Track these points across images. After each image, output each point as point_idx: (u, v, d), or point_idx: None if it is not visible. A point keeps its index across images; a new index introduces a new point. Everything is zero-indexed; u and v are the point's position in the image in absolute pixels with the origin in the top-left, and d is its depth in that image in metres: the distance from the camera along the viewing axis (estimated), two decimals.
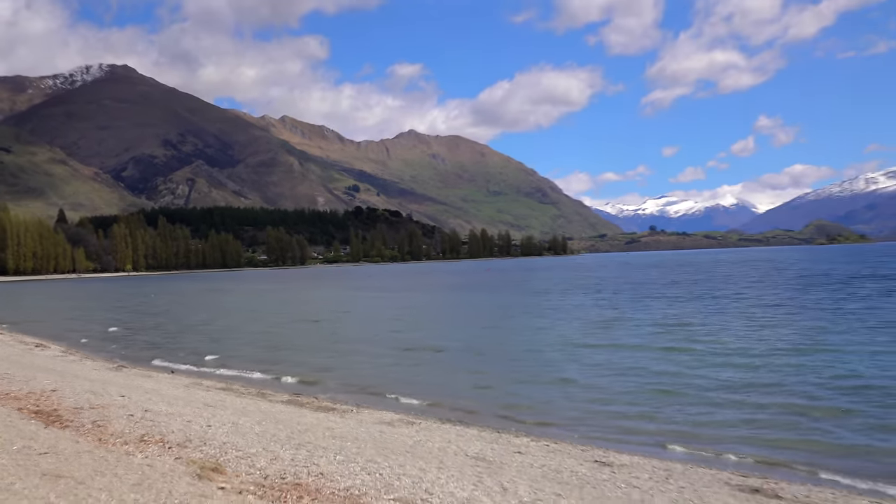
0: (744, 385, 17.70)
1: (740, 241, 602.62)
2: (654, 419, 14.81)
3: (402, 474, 9.25)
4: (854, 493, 9.99)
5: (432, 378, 20.88)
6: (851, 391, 16.50)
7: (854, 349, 22.70)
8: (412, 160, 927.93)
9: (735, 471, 11.11)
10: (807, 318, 32.99)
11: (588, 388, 18.33)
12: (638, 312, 39.45)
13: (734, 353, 22.73)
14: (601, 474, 10.26)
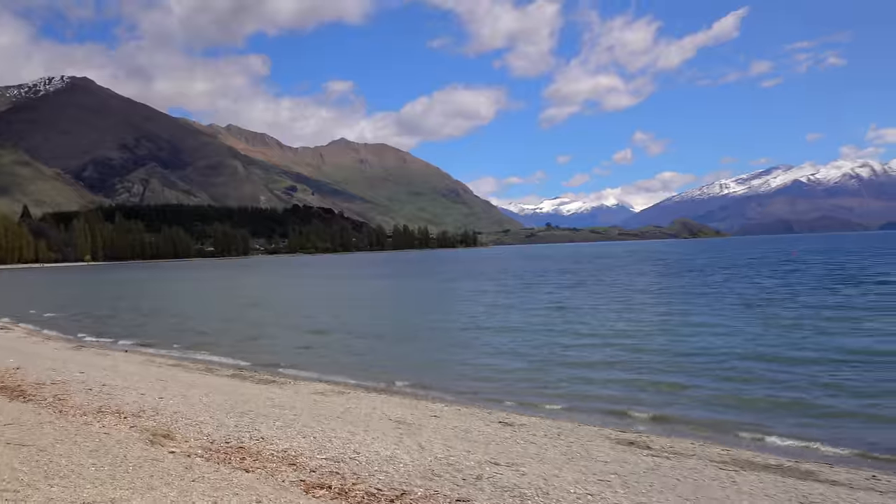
0: (620, 357, 18.16)
1: (620, 235, 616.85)
2: (548, 387, 15.07)
3: (334, 437, 9.20)
4: (708, 442, 10.39)
5: (362, 354, 20.77)
6: (707, 359, 17.09)
7: (708, 324, 23.55)
8: (343, 164, 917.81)
9: (614, 427, 11.41)
10: (672, 300, 34.08)
11: (492, 361, 18.55)
12: (532, 297, 40.05)
13: (611, 332, 23.30)
14: (504, 433, 10.39)
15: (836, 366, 15.63)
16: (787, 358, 16.80)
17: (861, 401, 12.55)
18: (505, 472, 7.69)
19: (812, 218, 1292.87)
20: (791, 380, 14.48)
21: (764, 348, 18.31)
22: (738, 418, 11.91)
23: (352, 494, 6.61)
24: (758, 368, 15.78)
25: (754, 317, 25.22)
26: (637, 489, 7.28)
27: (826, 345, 18.48)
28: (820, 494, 7.57)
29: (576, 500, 6.65)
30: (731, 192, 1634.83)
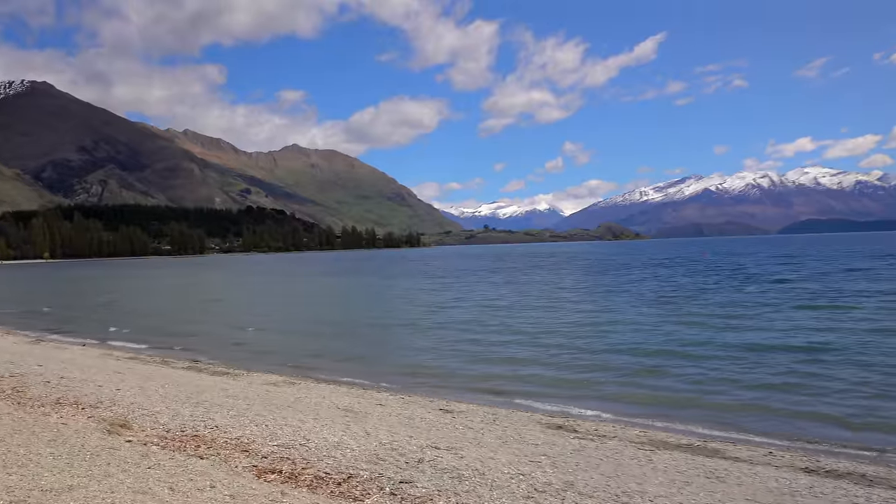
0: (549, 349, 18.41)
1: (551, 237, 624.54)
2: (486, 378, 15.17)
3: (285, 425, 9.07)
4: (628, 425, 10.63)
5: (312, 347, 20.54)
6: (625, 351, 17.47)
7: (626, 320, 24.07)
8: (295, 169, 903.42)
9: (545, 413, 11.56)
10: (595, 297, 34.68)
11: (433, 353, 18.58)
12: (467, 293, 40.26)
13: (539, 327, 23.60)
14: (444, 419, 10.42)
15: (737, 358, 16.16)
16: (697, 352, 17.31)
17: (757, 393, 13.01)
18: (445, 455, 7.71)
19: (720, 222, 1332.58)
20: (699, 372, 14.92)
21: (674, 344, 18.79)
22: (650, 408, 12.22)
23: (301, 478, 6.54)
24: (668, 361, 16.19)
25: (668, 313, 25.87)
26: (565, 468, 7.39)
27: (729, 340, 19.08)
28: (724, 469, 7.82)
29: (509, 480, 6.71)
30: (650, 199, 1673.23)
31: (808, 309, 24.89)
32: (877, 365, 14.40)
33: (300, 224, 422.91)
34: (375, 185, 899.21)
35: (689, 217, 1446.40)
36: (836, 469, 8.10)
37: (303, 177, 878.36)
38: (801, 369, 14.31)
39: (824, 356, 15.56)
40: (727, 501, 6.40)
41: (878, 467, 8.29)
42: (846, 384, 12.86)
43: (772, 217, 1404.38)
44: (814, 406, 11.52)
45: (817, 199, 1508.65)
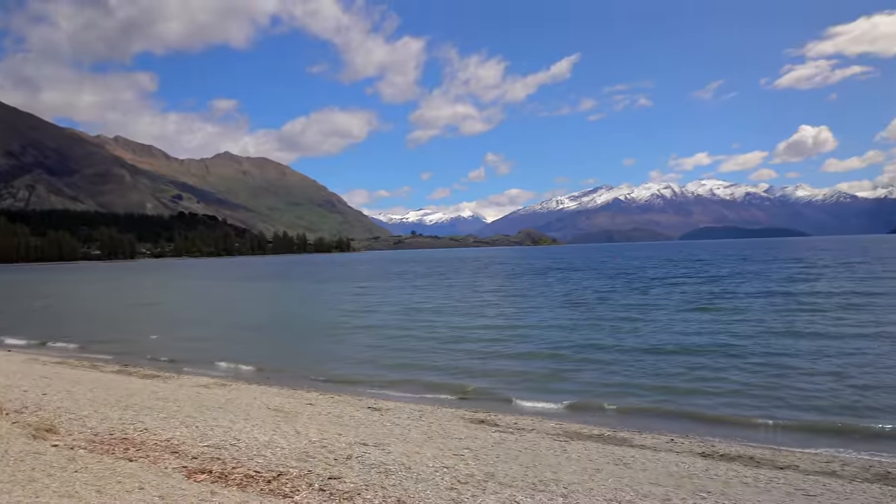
0: (469, 348, 18.56)
1: (475, 242, 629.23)
2: (413, 377, 15.15)
3: (215, 426, 8.80)
4: (544, 418, 10.82)
5: (244, 349, 20.00)
6: (542, 349, 17.81)
7: (546, 319, 24.54)
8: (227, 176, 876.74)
9: (468, 409, 11.63)
10: (515, 299, 35.21)
11: (362, 354, 18.44)
12: (393, 297, 40.17)
13: (461, 327, 23.75)
14: (373, 417, 10.34)
15: (640, 357, 16.72)
16: (610, 349, 17.81)
17: (661, 387, 13.49)
18: (373, 451, 7.65)
19: (629, 229, 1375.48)
20: (610, 367, 15.35)
21: (587, 345, 19.27)
22: (569, 399, 12.49)
23: (231, 477, 6.36)
24: (584, 359, 16.59)
25: (580, 316, 26.51)
26: (486, 460, 7.45)
27: (639, 339, 19.70)
28: (631, 456, 8.07)
29: (434, 473, 6.71)
30: (565, 207, 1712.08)
31: (704, 311, 25.97)
32: (767, 363, 15.16)
33: (232, 229, 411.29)
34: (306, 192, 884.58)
35: (600, 224, 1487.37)
36: (729, 453, 8.48)
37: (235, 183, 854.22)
38: (700, 365, 14.92)
39: (719, 354, 16.29)
40: (633, 485, 6.59)
41: (765, 450, 8.72)
42: (740, 378, 13.49)
43: (674, 224, 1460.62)
44: (711, 397, 12.03)
45: (713, 208, 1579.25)
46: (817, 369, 13.74)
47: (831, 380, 12.77)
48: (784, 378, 13.08)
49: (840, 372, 13.38)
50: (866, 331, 18.50)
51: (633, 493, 6.26)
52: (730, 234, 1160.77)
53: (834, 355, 15.15)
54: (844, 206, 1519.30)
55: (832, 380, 12.76)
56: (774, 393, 12.00)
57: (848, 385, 12.29)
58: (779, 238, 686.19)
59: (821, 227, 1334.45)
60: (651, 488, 6.51)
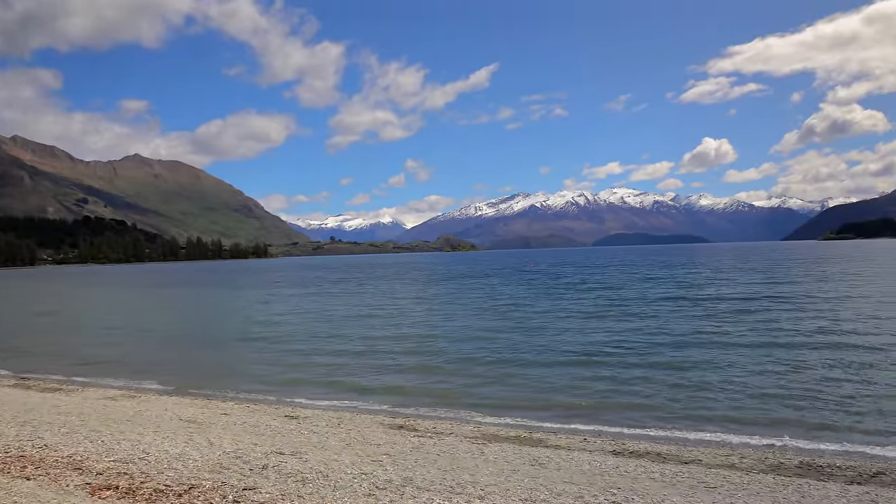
0: (385, 355, 18.52)
1: (394, 248, 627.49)
2: (332, 384, 14.96)
3: (123, 439, 8.39)
4: (462, 422, 10.92)
5: (152, 359, 19.19)
6: (458, 356, 17.98)
7: (461, 326, 24.79)
8: (137, 179, 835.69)
9: (387, 415, 11.59)
10: (432, 305, 35.39)
11: (277, 362, 18.07)
12: (310, 304, 39.60)
13: (378, 336, 23.67)
14: (290, 425, 10.14)
15: (555, 359, 17.15)
16: (525, 353, 18.16)
17: (575, 388, 13.89)
18: (289, 460, 7.50)
19: (544, 235, 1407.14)
20: (525, 371, 15.66)
21: (503, 347, 19.59)
22: (486, 402, 12.66)
23: (140, 493, 6.08)
24: (499, 363, 16.85)
25: (496, 320, 26.93)
26: (405, 465, 7.44)
27: (552, 344, 20.17)
28: (546, 456, 8.26)
29: (352, 480, 6.65)
30: (484, 214, 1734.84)
31: (607, 318, 26.89)
32: (672, 365, 15.86)
33: (142, 235, 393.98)
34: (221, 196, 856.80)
35: (517, 231, 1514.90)
36: (638, 450, 8.82)
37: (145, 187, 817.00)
38: (608, 368, 15.45)
39: (628, 355, 16.91)
40: (548, 485, 6.75)
41: (671, 446, 9.12)
42: (648, 378, 14.05)
43: (587, 231, 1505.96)
44: (623, 397, 12.47)
45: (624, 215, 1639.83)
46: (717, 371, 14.50)
47: (731, 379, 13.50)
48: (688, 379, 13.73)
49: (739, 372, 14.18)
50: (761, 338, 19.68)
51: (547, 493, 6.41)
52: (639, 241, 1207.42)
53: (733, 358, 16.03)
54: (743, 215, 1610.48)
55: (732, 380, 13.50)
56: (681, 393, 12.57)
57: (746, 384, 13.03)
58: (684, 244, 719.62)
59: (722, 234, 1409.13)
60: (565, 487, 6.68)
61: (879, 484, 7.24)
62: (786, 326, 20.55)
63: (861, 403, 11.17)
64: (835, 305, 26.37)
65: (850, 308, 25.28)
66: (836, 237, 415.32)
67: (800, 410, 10.93)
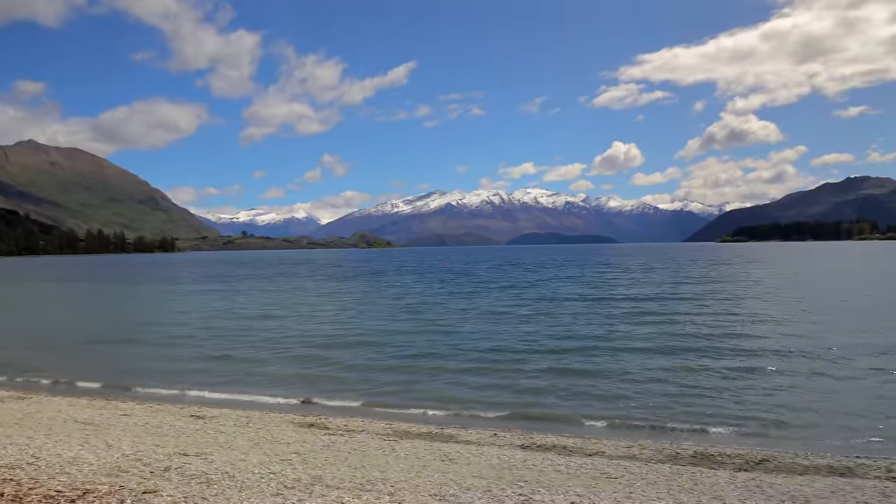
0: (295, 353, 18.26)
1: (309, 244, 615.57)
2: (241, 383, 14.61)
3: (9, 444, 7.87)
4: (374, 419, 10.89)
5: (44, 359, 18.07)
6: (370, 353, 17.94)
7: (375, 323, 24.73)
8: (31, 166, 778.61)
9: (298, 413, 11.41)
10: (345, 302, 35.12)
11: (182, 361, 17.44)
12: (214, 302, 38.50)
13: (291, 334, 23.30)
14: (195, 425, 9.82)
15: (468, 356, 17.40)
16: (438, 347, 18.30)
17: (484, 385, 14.13)
18: (194, 461, 7.26)
19: (460, 233, 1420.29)
20: (436, 369, 15.80)
21: (416, 344, 19.69)
22: (397, 399, 12.69)
23: (27, 499, 5.72)
24: (412, 360, 16.92)
25: (410, 318, 27.02)
26: (314, 464, 7.36)
27: (462, 341, 20.44)
28: (456, 452, 8.37)
29: (259, 480, 6.51)
30: (400, 211, 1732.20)
31: (527, 316, 27.53)
32: (581, 361, 16.40)
33: (36, 226, 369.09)
34: (126, 187, 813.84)
35: (433, 228, 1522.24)
36: (545, 444, 9.07)
37: (40, 175, 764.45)
38: (519, 364, 15.81)
39: (535, 353, 17.37)
40: (457, 479, 6.84)
41: (577, 440, 9.44)
42: (554, 375, 14.47)
43: (502, 230, 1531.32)
44: (531, 394, 12.80)
45: (537, 215, 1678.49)
46: (620, 367, 15.13)
47: (633, 377, 14.11)
48: (595, 376, 14.26)
49: (640, 369, 14.85)
50: (661, 336, 20.66)
51: (456, 487, 6.49)
52: (552, 240, 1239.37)
53: (634, 355, 16.76)
54: (648, 217, 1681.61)
55: (634, 377, 14.11)
56: (586, 389, 13.03)
57: (648, 380, 13.66)
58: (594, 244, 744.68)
59: (629, 235, 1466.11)
60: (474, 481, 6.79)
61: (764, 470, 7.76)
62: (684, 326, 21.67)
63: (749, 397, 11.94)
64: (729, 307, 28.02)
65: (741, 308, 26.94)
66: (732, 239, 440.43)
67: (695, 405, 11.56)
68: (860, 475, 7.49)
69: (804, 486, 6.92)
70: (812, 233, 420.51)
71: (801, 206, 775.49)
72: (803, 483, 7.08)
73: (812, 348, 16.47)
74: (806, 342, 17.50)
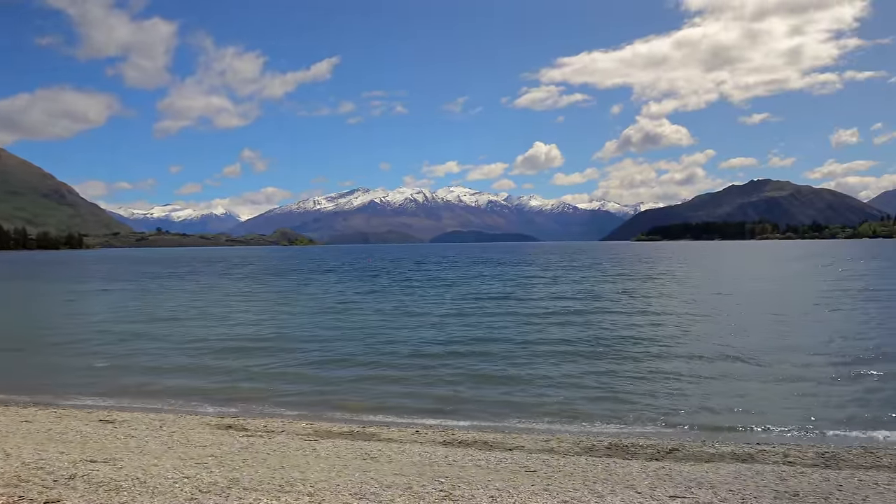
0: (210, 356, 17.79)
1: (227, 241, 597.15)
2: (153, 385, 14.07)
3: None
4: (294, 420, 10.74)
5: None
6: (290, 354, 17.66)
7: (295, 323, 24.36)
8: None
9: (215, 415, 11.11)
10: (263, 303, 34.42)
11: (87, 363, 16.62)
12: (123, 302, 37.00)
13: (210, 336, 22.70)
14: (104, 430, 9.38)
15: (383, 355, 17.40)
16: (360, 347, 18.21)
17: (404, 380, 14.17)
18: (102, 468, 6.93)
19: (383, 231, 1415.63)
20: (359, 367, 15.72)
21: (335, 343, 19.53)
22: (318, 398, 12.54)
23: None
24: (331, 360, 16.77)
25: (333, 317, 26.78)
26: (231, 466, 7.17)
27: (381, 340, 20.41)
28: (378, 450, 8.36)
29: (173, 485, 6.29)
30: (323, 208, 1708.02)
31: (452, 315, 27.75)
32: (501, 358, 16.68)
33: None
34: (28, 180, 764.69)
35: (356, 226, 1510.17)
36: (467, 439, 9.19)
37: None
38: (440, 362, 15.94)
39: (457, 351, 17.56)
40: (378, 478, 6.83)
41: (497, 434, 9.60)
42: (473, 372, 14.68)
43: (425, 228, 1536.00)
44: (454, 393, 12.92)
45: (460, 213, 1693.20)
46: (538, 364, 15.50)
47: (550, 373, 14.48)
48: (514, 373, 14.55)
49: (557, 366, 15.26)
50: (580, 334, 21.29)
51: (377, 486, 6.48)
52: (475, 238, 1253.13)
53: (552, 353, 17.21)
54: (568, 216, 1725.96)
55: (551, 373, 14.49)
56: (507, 387, 13.28)
57: (565, 377, 14.05)
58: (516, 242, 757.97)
59: (549, 233, 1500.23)
60: (395, 479, 6.80)
61: (673, 459, 8.13)
62: (602, 323, 22.42)
63: (659, 389, 12.48)
64: (643, 305, 29.16)
65: (654, 307, 28.11)
66: (646, 238, 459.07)
67: (609, 398, 11.97)
68: (760, 461, 7.97)
69: (709, 473, 7.30)
70: (720, 232, 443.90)
71: (709, 206, 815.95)
72: (709, 470, 7.47)
73: (718, 343, 17.37)
74: (713, 338, 18.45)
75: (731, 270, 59.92)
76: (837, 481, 6.98)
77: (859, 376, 13.20)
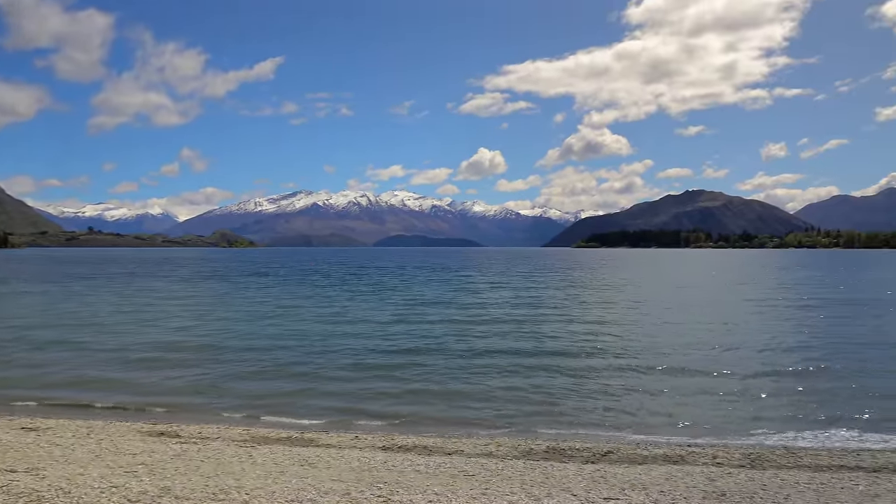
0: (140, 361, 17.28)
1: (164, 242, 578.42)
2: (79, 391, 13.53)
3: None
4: (231, 426, 10.48)
5: None
6: (231, 359, 17.30)
7: (227, 328, 23.86)
8: None
9: (147, 421, 10.75)
10: (198, 307, 33.61)
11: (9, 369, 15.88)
12: (46, 304, 35.54)
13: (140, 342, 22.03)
14: (27, 438, 8.95)
15: (323, 360, 17.21)
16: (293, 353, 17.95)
17: (361, 381, 14.07)
18: (23, 478, 6.62)
19: (326, 234, 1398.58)
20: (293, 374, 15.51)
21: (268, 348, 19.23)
22: (255, 402, 12.30)
23: None
24: (266, 364, 16.50)
25: (272, 321, 26.35)
26: (163, 475, 6.96)
27: (330, 345, 20.20)
28: (317, 456, 8.25)
29: (100, 495, 6.06)
30: (264, 210, 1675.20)
31: (393, 321, 27.67)
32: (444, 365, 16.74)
33: None
34: None
35: (299, 228, 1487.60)
36: (406, 444, 9.17)
37: None
38: (382, 368, 15.88)
39: (398, 357, 17.53)
40: (316, 484, 6.74)
41: (437, 439, 9.61)
42: (416, 378, 14.67)
43: (369, 231, 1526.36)
44: (395, 397, 12.88)
45: (404, 217, 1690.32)
46: (478, 371, 15.63)
47: (487, 381, 14.61)
48: (455, 379, 14.61)
49: (496, 373, 15.41)
50: (520, 342, 21.56)
51: (315, 492, 6.40)
52: (418, 243, 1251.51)
53: (491, 360, 17.38)
54: (511, 222, 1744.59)
55: (488, 381, 14.61)
56: (446, 392, 13.33)
57: (504, 384, 14.20)
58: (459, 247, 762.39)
59: (493, 239, 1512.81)
60: (333, 485, 6.73)
61: (608, 461, 8.32)
62: (541, 329, 22.79)
63: (596, 394, 12.76)
64: (580, 312, 29.75)
65: (591, 314, 28.71)
66: (586, 245, 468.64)
67: (547, 403, 12.17)
68: (690, 462, 8.24)
69: (643, 475, 7.50)
70: (656, 240, 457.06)
71: (647, 215, 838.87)
72: (642, 472, 7.68)
73: (652, 350, 17.88)
74: (647, 344, 18.98)
75: (666, 278, 61.82)
76: (762, 481, 7.28)
77: (783, 380, 13.83)
